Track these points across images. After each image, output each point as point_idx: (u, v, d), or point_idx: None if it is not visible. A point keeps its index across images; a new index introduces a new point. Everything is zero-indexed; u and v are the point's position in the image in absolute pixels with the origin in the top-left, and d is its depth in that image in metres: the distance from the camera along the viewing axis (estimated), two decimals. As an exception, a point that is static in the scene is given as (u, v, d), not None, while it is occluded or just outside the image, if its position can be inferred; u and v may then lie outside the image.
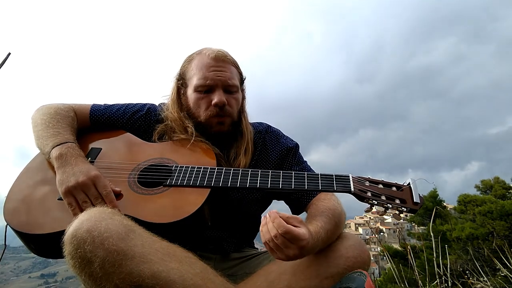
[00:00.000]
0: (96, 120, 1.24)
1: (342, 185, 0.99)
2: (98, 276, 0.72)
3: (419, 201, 0.95)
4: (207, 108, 1.16)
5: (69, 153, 1.00)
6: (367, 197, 0.97)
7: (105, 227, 0.75)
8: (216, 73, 1.16)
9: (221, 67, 1.17)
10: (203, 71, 1.16)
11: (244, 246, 1.28)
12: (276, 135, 1.33)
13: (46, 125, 1.09)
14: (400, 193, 0.98)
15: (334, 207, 1.06)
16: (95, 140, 1.21)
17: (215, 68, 1.16)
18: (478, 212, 7.51)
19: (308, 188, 1.00)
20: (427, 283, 2.15)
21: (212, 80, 1.15)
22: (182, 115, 1.21)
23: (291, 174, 1.03)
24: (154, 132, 1.22)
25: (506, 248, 2.32)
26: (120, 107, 1.27)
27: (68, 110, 1.19)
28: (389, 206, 0.96)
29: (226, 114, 1.17)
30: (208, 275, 0.86)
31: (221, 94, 1.15)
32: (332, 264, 0.96)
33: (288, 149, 1.28)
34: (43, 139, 1.06)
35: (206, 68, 1.16)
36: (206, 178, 1.02)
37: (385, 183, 1.01)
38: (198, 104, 1.18)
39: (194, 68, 1.19)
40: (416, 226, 11.05)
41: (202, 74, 1.16)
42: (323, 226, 0.95)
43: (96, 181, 0.95)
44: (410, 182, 0.99)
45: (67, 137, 1.07)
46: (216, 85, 1.16)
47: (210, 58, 1.17)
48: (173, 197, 0.99)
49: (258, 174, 1.03)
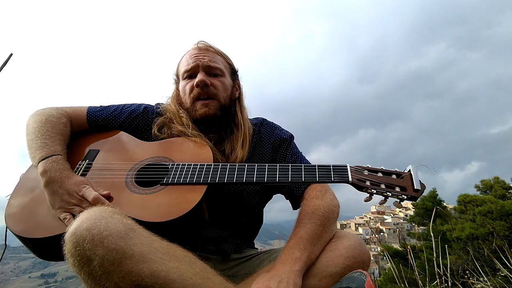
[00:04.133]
0: (94, 122, 1.24)
1: (340, 176, 0.98)
2: (97, 275, 0.72)
3: (419, 188, 0.93)
4: (191, 91, 1.21)
5: (53, 168, 1.00)
6: (366, 186, 0.95)
7: (105, 226, 0.75)
8: (197, 57, 1.23)
9: (203, 53, 1.25)
10: (188, 59, 1.25)
11: (244, 247, 1.28)
12: (271, 126, 1.34)
13: (36, 134, 1.09)
14: (400, 180, 0.97)
15: (316, 208, 1.07)
16: (92, 142, 1.21)
17: (197, 53, 1.25)
18: (478, 212, 7.51)
19: (306, 180, 0.99)
20: (427, 283, 2.15)
21: (194, 64, 1.22)
22: (179, 107, 1.26)
23: (288, 167, 1.02)
24: (153, 124, 1.24)
25: (506, 248, 2.31)
26: (116, 107, 1.27)
27: (60, 116, 1.18)
28: (388, 195, 0.94)
29: (209, 95, 1.20)
30: (208, 274, 0.86)
31: (202, 74, 1.20)
32: (332, 264, 0.96)
33: (281, 140, 1.29)
34: (31, 150, 1.07)
35: (190, 57, 1.25)
36: (203, 175, 1.02)
37: (385, 171, 0.99)
38: (185, 91, 1.24)
39: (182, 61, 1.29)
40: (416, 226, 11.05)
41: (186, 62, 1.25)
42: (303, 246, 0.97)
43: (82, 191, 0.96)
44: (410, 169, 0.98)
45: (53, 149, 1.06)
46: (198, 68, 1.22)
47: (193, 48, 1.27)
48: (170, 195, 0.99)
49: (254, 169, 1.03)
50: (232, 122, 1.26)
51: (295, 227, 1.05)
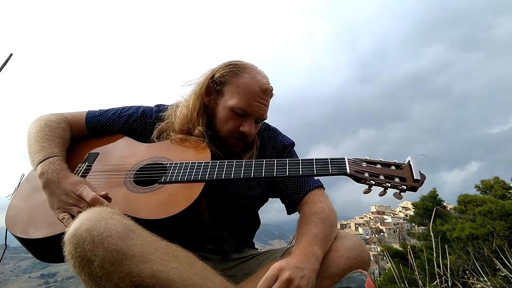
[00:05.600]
0: (93, 127, 1.25)
1: (338, 168, 0.98)
2: (98, 276, 0.73)
3: (419, 177, 0.92)
4: (233, 129, 1.17)
5: (50, 170, 1.00)
6: (365, 178, 0.95)
7: (105, 227, 0.75)
8: (259, 105, 1.17)
9: (265, 100, 1.19)
10: (250, 98, 1.15)
11: (244, 247, 1.29)
12: (274, 133, 1.35)
13: (35, 139, 1.10)
14: (399, 171, 0.96)
15: (322, 210, 1.09)
16: (92, 145, 1.23)
17: (261, 100, 1.17)
18: (478, 212, 7.52)
19: (303, 173, 0.99)
20: (427, 283, 2.15)
21: (252, 110, 1.16)
22: (199, 115, 1.20)
23: (286, 161, 1.03)
24: (154, 130, 1.23)
25: (506, 248, 2.31)
26: (115, 111, 1.28)
27: (59, 121, 1.19)
28: (388, 186, 0.94)
29: (247, 142, 1.21)
30: (208, 274, 0.86)
31: (252, 125, 1.17)
32: (332, 264, 0.96)
33: (284, 147, 1.31)
34: (31, 155, 1.08)
35: (253, 97, 1.16)
36: (200, 172, 1.02)
37: (384, 163, 0.99)
38: (226, 122, 1.17)
39: (240, 86, 1.16)
40: (416, 226, 11.05)
41: (247, 100, 1.15)
42: (314, 240, 0.98)
43: (79, 191, 0.96)
44: (409, 160, 0.97)
45: (50, 151, 1.07)
46: (253, 116, 1.17)
47: (260, 88, 1.16)
48: (168, 193, 1.00)
49: (252, 164, 1.03)
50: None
51: (306, 224, 1.05)
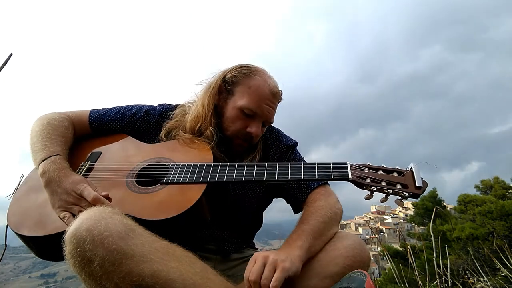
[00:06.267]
0: (96, 126, 1.25)
1: (340, 173, 0.98)
2: (98, 275, 0.73)
3: (421, 185, 0.92)
4: (240, 130, 1.18)
5: (51, 168, 1.00)
6: (366, 184, 0.95)
7: (105, 226, 0.75)
8: (268, 108, 1.19)
9: (273, 104, 1.21)
10: (259, 100, 1.18)
11: (244, 247, 1.28)
12: (277, 133, 1.36)
13: (37, 138, 1.11)
14: (401, 178, 0.96)
15: (319, 208, 1.08)
16: (95, 144, 1.23)
17: (270, 103, 1.19)
18: (478, 212, 7.52)
19: (305, 177, 0.99)
20: (427, 283, 2.15)
21: (261, 112, 1.18)
22: (212, 115, 1.21)
23: (287, 165, 1.03)
24: (162, 128, 1.23)
25: (506, 248, 2.31)
26: (118, 110, 1.28)
27: (62, 120, 1.19)
28: (389, 192, 0.94)
29: (252, 143, 1.22)
30: (208, 274, 0.86)
31: (259, 126, 1.19)
32: (331, 264, 0.96)
33: (287, 147, 1.32)
34: (33, 154, 1.09)
35: (262, 99, 1.18)
36: (202, 174, 1.03)
37: (386, 169, 0.99)
38: (234, 121, 1.19)
39: (251, 88, 1.18)
40: (416, 226, 11.05)
41: (257, 101, 1.17)
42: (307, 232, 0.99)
43: (80, 190, 0.96)
44: (412, 167, 0.97)
45: (52, 149, 1.07)
46: (260, 117, 1.19)
47: (270, 91, 1.19)
48: (170, 194, 1.00)
49: (254, 167, 1.03)
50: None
51: (298, 224, 1.06)
